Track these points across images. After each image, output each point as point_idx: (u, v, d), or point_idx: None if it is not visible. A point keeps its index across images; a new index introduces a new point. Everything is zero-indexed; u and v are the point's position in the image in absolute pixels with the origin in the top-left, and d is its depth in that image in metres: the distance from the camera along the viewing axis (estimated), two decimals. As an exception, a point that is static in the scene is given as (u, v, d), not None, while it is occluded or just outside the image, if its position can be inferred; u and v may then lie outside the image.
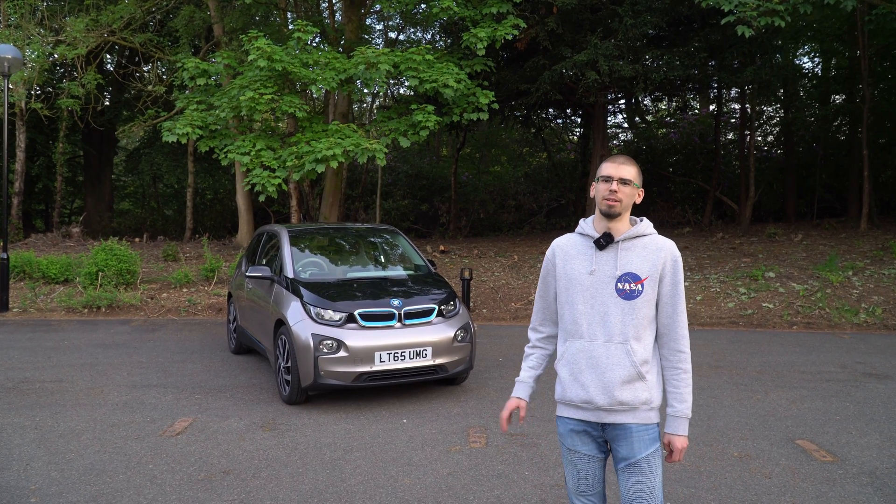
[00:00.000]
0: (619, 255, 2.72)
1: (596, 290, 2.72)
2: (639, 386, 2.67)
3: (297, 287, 6.58)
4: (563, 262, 2.85)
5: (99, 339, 9.42)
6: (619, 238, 2.74)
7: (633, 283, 2.68)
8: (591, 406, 2.71)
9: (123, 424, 5.79)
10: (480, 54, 12.09)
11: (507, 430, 3.04)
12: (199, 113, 11.87)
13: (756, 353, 8.47)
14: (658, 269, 2.70)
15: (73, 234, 19.98)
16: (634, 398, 2.67)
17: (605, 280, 2.72)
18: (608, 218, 2.74)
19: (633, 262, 2.71)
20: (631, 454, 2.68)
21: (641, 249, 2.73)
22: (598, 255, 2.76)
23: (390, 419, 5.94)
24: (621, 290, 2.68)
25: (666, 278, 2.71)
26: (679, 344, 2.72)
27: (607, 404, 2.67)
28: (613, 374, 2.66)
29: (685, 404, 2.71)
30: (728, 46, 15.73)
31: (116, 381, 7.24)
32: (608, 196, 2.71)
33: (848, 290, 11.19)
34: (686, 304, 11.06)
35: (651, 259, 2.71)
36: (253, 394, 6.74)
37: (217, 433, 5.56)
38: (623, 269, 2.70)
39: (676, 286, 2.72)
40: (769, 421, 5.81)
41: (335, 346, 6.04)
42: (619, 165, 2.73)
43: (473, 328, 6.78)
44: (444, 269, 13.77)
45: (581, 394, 2.72)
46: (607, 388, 2.67)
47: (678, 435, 2.71)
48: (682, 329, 2.72)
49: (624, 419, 2.69)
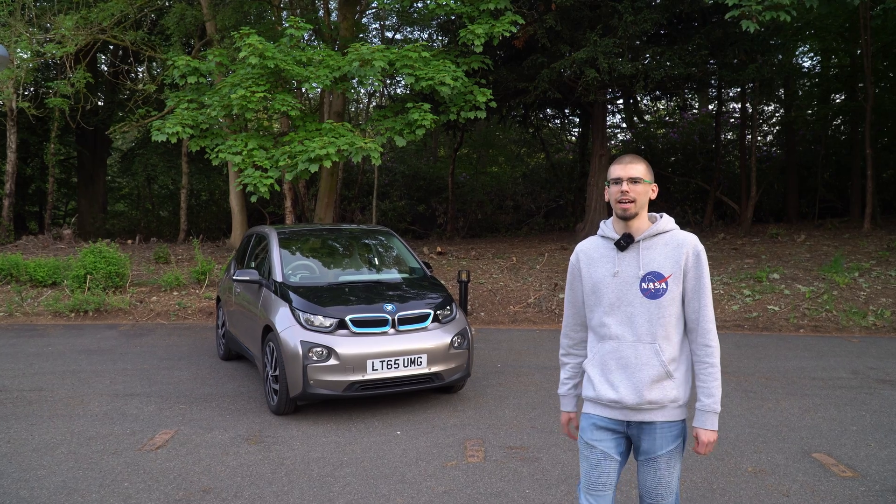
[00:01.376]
0: (641, 255, 2.73)
1: (621, 291, 2.73)
2: (667, 385, 2.70)
3: (285, 291, 6.28)
4: (588, 266, 2.85)
5: (84, 345, 9.12)
6: (639, 238, 2.74)
7: (657, 281, 2.69)
8: (619, 405, 2.73)
9: (101, 437, 5.49)
10: (478, 51, 11.79)
11: (576, 438, 3.02)
12: (190, 112, 11.57)
13: (763, 357, 8.18)
14: (681, 265, 2.70)
15: (64, 236, 19.63)
16: (663, 397, 2.69)
17: (629, 281, 2.72)
18: (625, 220, 2.75)
19: (656, 260, 2.71)
20: (652, 449, 2.72)
21: (663, 247, 2.73)
22: (620, 256, 2.76)
23: (383, 431, 5.63)
24: (646, 290, 2.69)
25: (689, 273, 2.71)
26: (706, 338, 2.72)
27: (636, 403, 2.70)
28: (643, 374, 2.68)
29: (713, 399, 2.73)
30: (729, 44, 15.46)
31: (98, 389, 6.93)
32: (621, 198, 2.71)
33: (855, 292, 10.91)
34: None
35: (673, 256, 2.71)
36: (240, 403, 6.44)
37: (199, 447, 5.25)
38: (646, 269, 2.71)
39: (700, 280, 2.71)
40: (782, 432, 5.51)
41: (325, 354, 5.74)
42: (627, 165, 2.73)
43: (471, 334, 6.48)
44: (441, 270, 13.48)
45: (611, 394, 2.73)
46: (637, 388, 2.69)
47: (706, 429, 2.74)
48: (708, 323, 2.71)
49: (652, 417, 2.71)
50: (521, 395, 6.66)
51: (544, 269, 13.35)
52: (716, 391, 2.74)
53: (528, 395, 6.62)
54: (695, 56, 14.81)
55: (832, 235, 16.15)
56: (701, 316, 2.71)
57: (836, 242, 15.05)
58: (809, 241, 15.50)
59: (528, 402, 6.41)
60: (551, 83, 14.68)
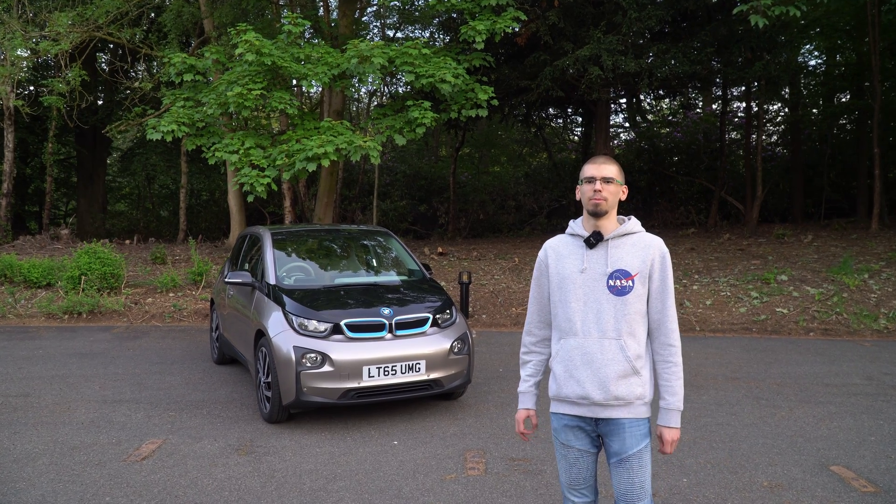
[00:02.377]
0: (610, 253, 2.78)
1: (588, 287, 2.78)
2: (633, 381, 2.73)
3: (278, 294, 6.05)
4: (556, 262, 2.89)
5: (76, 348, 8.89)
6: (608, 236, 2.80)
7: (623, 279, 2.74)
8: (586, 402, 2.76)
9: (85, 447, 5.26)
10: (479, 48, 11.54)
11: (527, 439, 3.17)
12: (186, 110, 11.34)
13: (773, 362, 7.94)
14: (647, 265, 2.76)
15: (61, 236, 19.41)
16: (629, 393, 2.72)
17: (596, 277, 2.78)
18: (596, 217, 2.80)
19: (623, 258, 2.77)
20: (622, 449, 2.74)
21: (631, 247, 2.79)
22: (588, 253, 2.82)
23: (380, 440, 5.40)
24: (613, 287, 2.74)
25: (655, 274, 2.77)
26: (669, 338, 2.78)
27: (603, 399, 2.72)
28: (609, 369, 2.71)
29: (676, 397, 2.78)
30: (735, 42, 15.21)
31: (86, 395, 6.71)
32: (593, 196, 2.77)
33: (865, 295, 10.66)
34: (696, 309, 10.66)
35: (640, 255, 2.77)
36: (232, 410, 6.21)
37: (187, 458, 5.02)
38: (614, 266, 2.76)
39: (665, 281, 2.78)
40: (798, 443, 5.27)
41: (319, 360, 5.50)
42: (600, 165, 2.79)
43: (472, 338, 6.24)
44: (442, 271, 13.24)
45: (577, 390, 2.76)
46: (603, 384, 2.71)
47: (670, 427, 2.79)
48: (671, 323, 2.78)
49: (618, 414, 2.74)
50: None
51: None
52: (679, 390, 2.79)
53: (531, 402, 6.38)
54: (700, 54, 14.57)
55: (839, 236, 15.88)
56: (664, 316, 2.77)
57: (843, 243, 14.79)
58: (816, 241, 15.24)
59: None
60: (554, 81, 14.43)
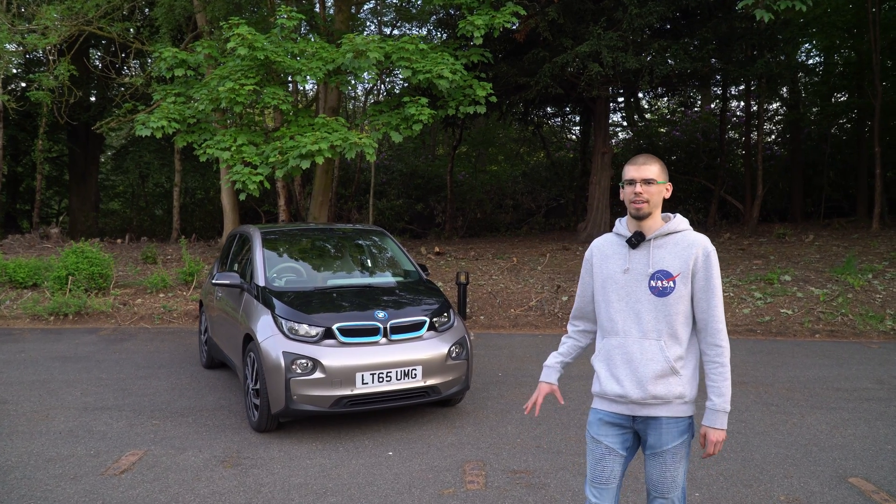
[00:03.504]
0: (652, 253, 2.76)
1: (630, 287, 2.78)
2: (672, 381, 2.72)
3: (268, 297, 5.77)
4: (600, 262, 2.91)
5: (60, 351, 8.61)
6: (650, 236, 2.78)
7: (665, 280, 2.72)
8: (624, 400, 2.77)
9: (62, 459, 4.98)
10: (477, 43, 11.28)
11: (537, 415, 3.37)
12: (177, 106, 11.05)
13: (781, 365, 7.69)
14: (690, 265, 2.72)
15: (51, 234, 19.07)
16: (668, 392, 2.71)
17: (638, 278, 2.77)
18: (638, 219, 2.79)
19: (665, 259, 2.74)
20: (658, 444, 2.75)
21: (673, 246, 2.75)
22: (631, 253, 2.81)
23: (374, 451, 5.13)
24: (654, 288, 2.73)
25: (699, 273, 2.72)
26: (715, 338, 2.73)
27: (641, 398, 2.73)
28: (647, 369, 2.71)
29: (722, 398, 2.73)
30: (736, 39, 14.99)
31: (67, 402, 6.43)
32: (634, 199, 2.75)
33: (871, 295, 10.42)
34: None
35: (682, 255, 2.73)
36: (219, 418, 5.93)
37: (169, 470, 4.75)
38: (655, 267, 2.74)
39: (710, 280, 2.72)
40: (812, 452, 5.01)
41: (310, 367, 5.23)
42: (641, 166, 2.76)
43: (470, 342, 5.97)
44: (439, 271, 12.97)
45: (616, 388, 2.78)
46: (641, 383, 2.72)
47: (714, 428, 2.74)
48: (717, 323, 2.73)
49: (657, 412, 2.74)
50: (524, 407, 6.15)
51: (546, 271, 12.85)
52: (726, 391, 2.73)
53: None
54: (700, 51, 14.34)
55: (840, 235, 15.67)
56: (710, 316, 2.72)
57: (845, 243, 14.57)
58: (818, 241, 15.02)
59: (532, 416, 5.92)
60: (553, 78, 14.16)
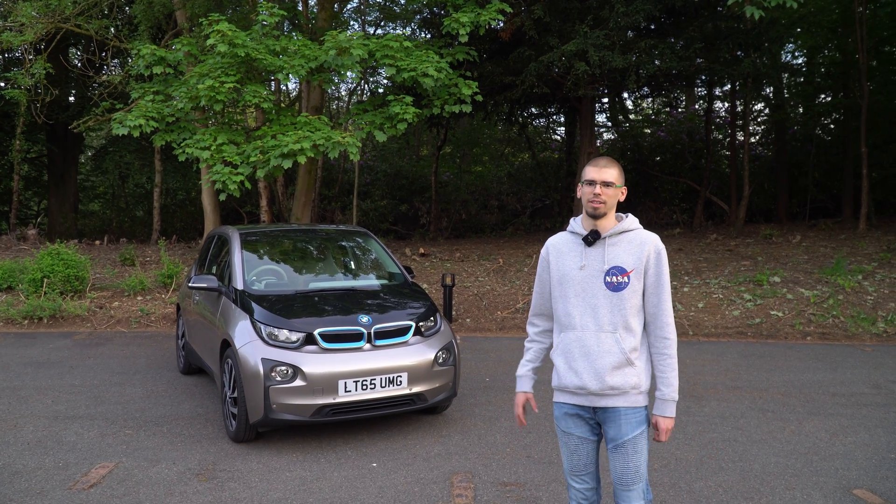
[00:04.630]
0: (607, 251, 2.89)
1: (586, 283, 2.89)
2: (628, 371, 2.83)
3: (246, 301, 5.53)
4: (556, 259, 3.02)
5: (33, 356, 8.31)
6: (605, 234, 2.91)
7: (619, 275, 2.85)
8: (584, 391, 2.88)
9: (28, 472, 4.71)
10: (463, 41, 11.08)
11: (525, 425, 3.30)
12: (155, 104, 10.76)
13: (774, 369, 7.54)
14: (643, 262, 2.86)
15: (28, 236, 18.66)
16: (624, 383, 2.83)
17: (594, 274, 2.89)
18: (594, 218, 2.91)
19: (620, 256, 2.87)
20: (619, 435, 2.85)
21: (627, 244, 2.89)
22: (587, 251, 2.93)
23: (357, 462, 4.90)
24: (609, 283, 2.85)
25: (650, 270, 2.87)
26: (664, 331, 2.87)
27: (599, 389, 2.84)
28: (604, 360, 2.83)
29: (671, 388, 2.87)
30: (722, 38, 14.89)
31: (37, 410, 6.15)
32: (592, 199, 2.88)
33: (861, 297, 10.32)
34: (688, 312, 10.26)
35: (636, 252, 2.87)
36: (195, 427, 5.68)
37: (140, 485, 4.50)
38: (610, 263, 2.87)
39: (660, 276, 2.87)
40: (813, 462, 4.84)
41: (290, 374, 5.00)
42: (602, 169, 2.88)
43: (457, 347, 5.76)
44: (424, 273, 12.75)
45: (575, 380, 2.88)
46: (599, 375, 2.83)
47: (664, 416, 2.89)
48: (666, 317, 2.87)
49: (614, 402, 2.85)
50: (514, 416, 5.94)
51: (532, 272, 12.66)
52: (674, 381, 2.87)
53: (521, 416, 5.91)
54: (687, 50, 14.22)
55: (827, 236, 15.61)
56: (659, 310, 2.87)
57: (832, 244, 14.50)
58: (805, 242, 14.94)
59: (522, 425, 5.70)
60: (539, 77, 13.99)
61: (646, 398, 2.88)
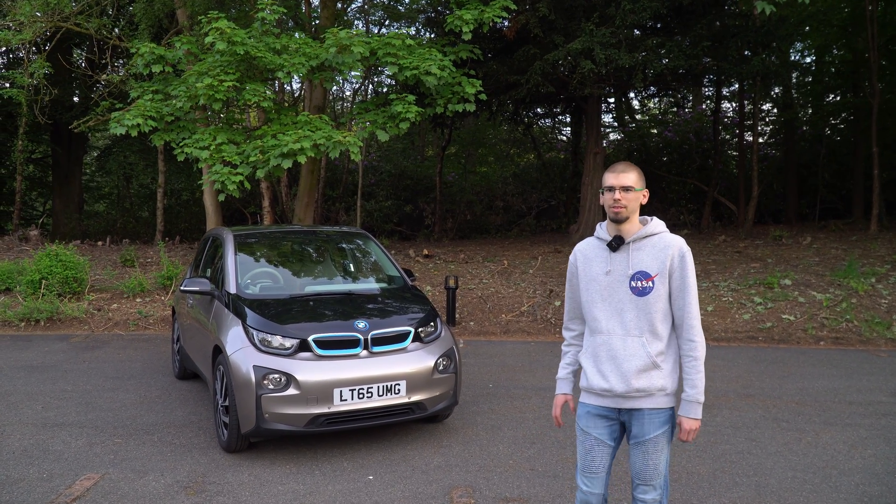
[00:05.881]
0: (631, 255, 2.92)
1: (612, 288, 2.93)
2: (654, 374, 2.87)
3: (239, 305, 5.32)
4: (584, 265, 3.06)
5: (27, 360, 8.13)
6: (629, 239, 2.93)
7: (644, 280, 2.87)
8: (610, 394, 2.91)
9: (11, 484, 4.52)
10: (466, 39, 10.87)
11: (562, 425, 3.51)
12: (154, 103, 10.59)
13: (787, 376, 7.30)
14: (667, 266, 2.88)
15: (30, 237, 18.52)
16: (650, 385, 2.87)
17: (619, 279, 2.92)
18: (616, 223, 2.94)
19: (644, 260, 2.90)
20: (641, 434, 2.90)
21: (651, 248, 2.91)
22: (612, 256, 2.96)
23: (353, 475, 4.69)
24: (634, 288, 2.88)
25: (675, 273, 2.89)
26: (690, 334, 2.88)
27: (625, 392, 2.87)
28: (630, 364, 2.86)
29: (696, 389, 2.88)
30: (730, 37, 14.64)
31: (26, 417, 5.96)
32: (613, 205, 2.90)
33: (875, 300, 10.06)
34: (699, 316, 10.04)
35: (659, 257, 2.89)
36: (187, 436, 5.48)
37: (125, 498, 4.29)
38: (635, 268, 2.89)
39: (685, 279, 2.88)
40: (832, 476, 4.61)
41: (283, 382, 4.79)
42: (620, 174, 2.91)
43: (458, 354, 5.54)
44: (427, 275, 12.54)
45: (602, 383, 2.92)
46: (625, 377, 2.87)
47: (689, 417, 2.90)
48: (692, 320, 2.89)
49: (640, 404, 2.89)
50: (517, 425, 5.73)
51: (538, 274, 12.44)
52: (699, 383, 2.88)
53: (526, 426, 5.69)
54: (695, 48, 13.98)
55: (838, 238, 15.33)
56: (686, 313, 2.88)
57: (843, 245, 14.22)
58: (816, 243, 14.67)
59: (526, 434, 5.49)
60: (544, 76, 13.76)
61: (672, 400, 2.93)
